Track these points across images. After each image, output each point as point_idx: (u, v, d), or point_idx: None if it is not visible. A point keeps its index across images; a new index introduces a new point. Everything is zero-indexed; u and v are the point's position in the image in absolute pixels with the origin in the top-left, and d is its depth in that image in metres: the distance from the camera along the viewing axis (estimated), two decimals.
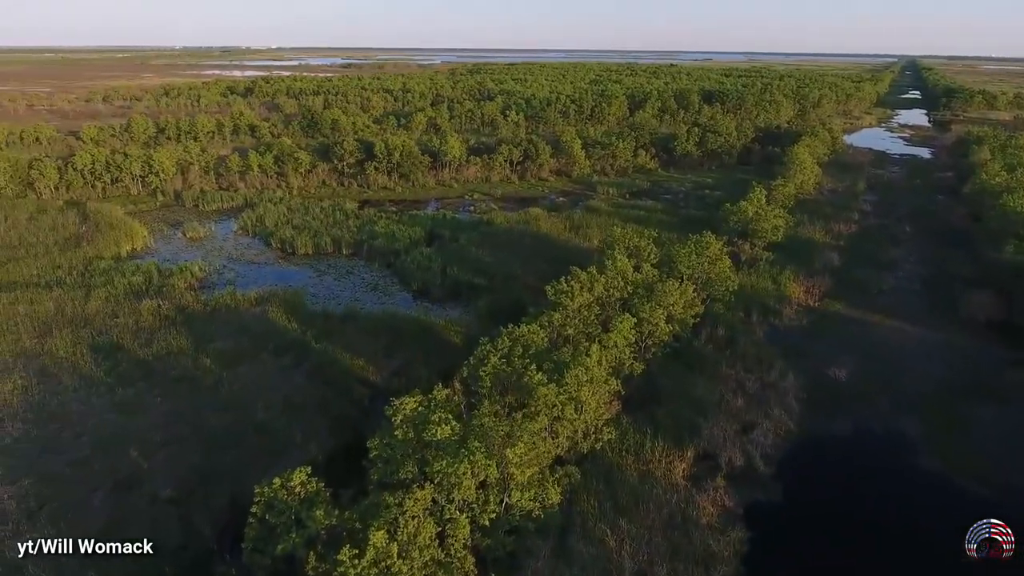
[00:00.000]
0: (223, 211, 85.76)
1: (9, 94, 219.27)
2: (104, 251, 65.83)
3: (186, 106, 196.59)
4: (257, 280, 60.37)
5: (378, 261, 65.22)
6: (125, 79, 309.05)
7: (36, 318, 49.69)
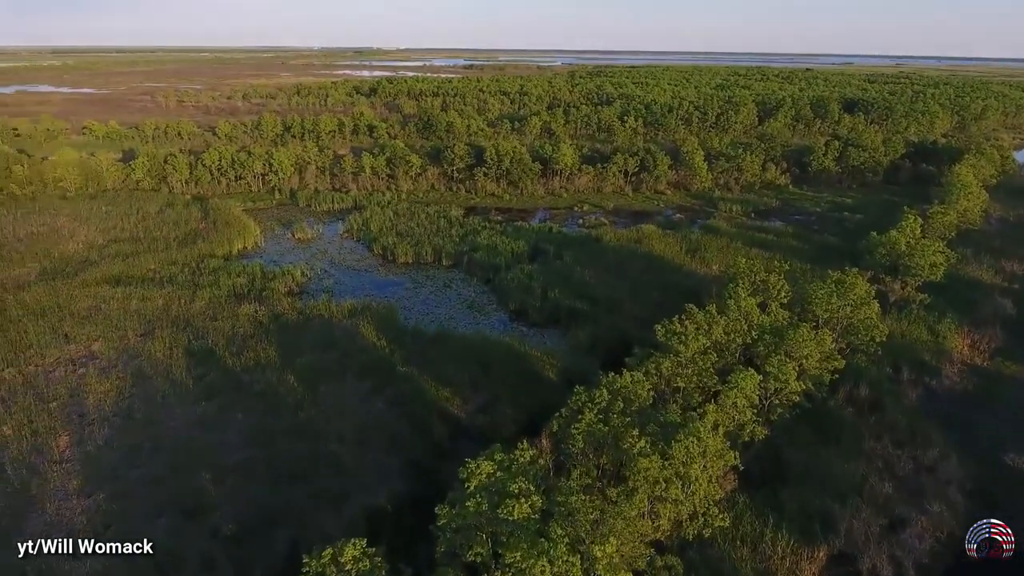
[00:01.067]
0: (333, 212, 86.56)
1: (164, 90, 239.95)
2: (217, 249, 67.43)
3: (314, 105, 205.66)
4: (354, 288, 59.17)
5: (477, 275, 62.18)
6: (265, 78, 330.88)
7: (144, 315, 50.75)
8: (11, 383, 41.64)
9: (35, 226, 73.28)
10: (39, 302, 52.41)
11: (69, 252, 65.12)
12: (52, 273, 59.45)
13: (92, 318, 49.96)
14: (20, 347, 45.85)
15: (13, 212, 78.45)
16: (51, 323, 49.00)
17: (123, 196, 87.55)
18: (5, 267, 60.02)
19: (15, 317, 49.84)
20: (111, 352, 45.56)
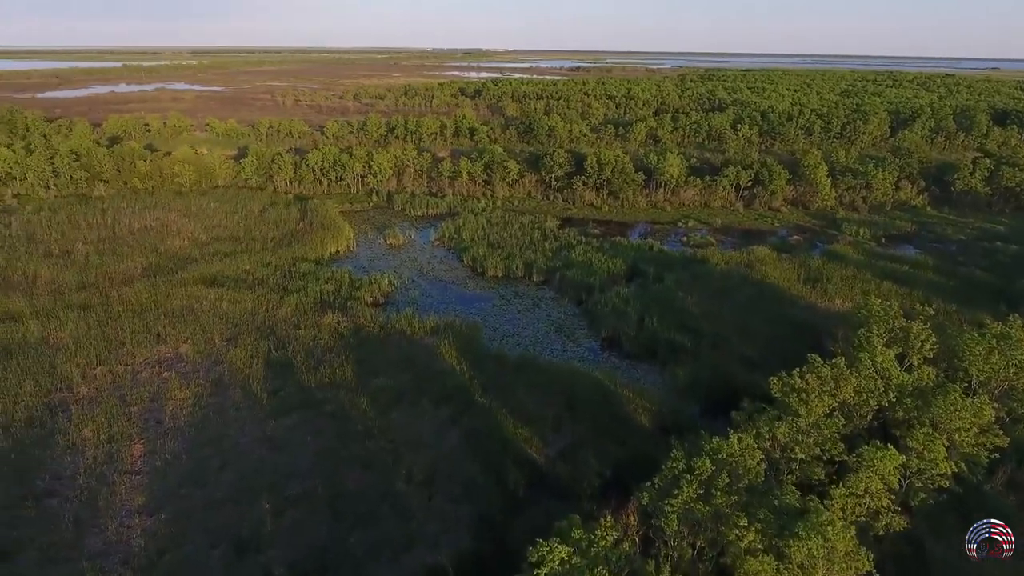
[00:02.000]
0: (427, 217, 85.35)
1: (282, 89, 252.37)
2: (311, 252, 67.42)
3: (419, 106, 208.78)
4: (439, 302, 56.91)
5: (569, 295, 58.24)
6: (376, 78, 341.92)
7: (232, 319, 50.67)
8: (100, 382, 42.19)
9: (149, 220, 76.63)
10: (139, 299, 53.70)
11: (174, 248, 67.19)
12: (155, 269, 61.27)
13: (183, 319, 50.42)
14: (115, 344, 46.72)
15: (132, 206, 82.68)
16: (146, 321, 49.83)
17: (231, 193, 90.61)
18: (116, 261, 62.44)
19: (115, 313, 51.14)
20: (196, 356, 45.48)
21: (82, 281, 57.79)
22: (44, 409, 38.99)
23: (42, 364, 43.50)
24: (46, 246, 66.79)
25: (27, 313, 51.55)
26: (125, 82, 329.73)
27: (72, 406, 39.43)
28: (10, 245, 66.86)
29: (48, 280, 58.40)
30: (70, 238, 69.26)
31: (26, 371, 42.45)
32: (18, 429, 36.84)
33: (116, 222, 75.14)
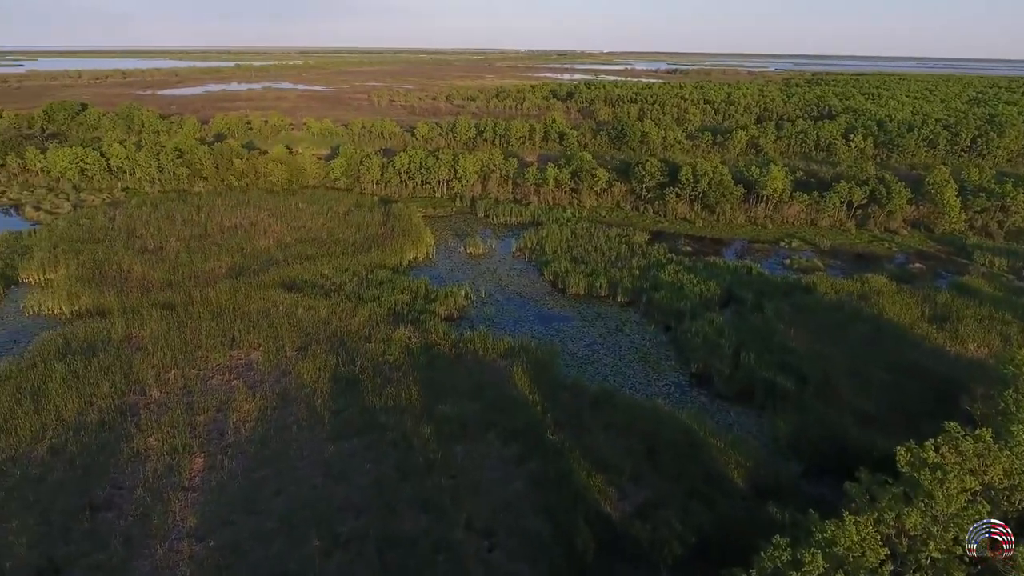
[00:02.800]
0: (510, 225, 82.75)
1: (378, 90, 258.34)
2: (390, 258, 66.23)
3: (510, 108, 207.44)
4: (516, 320, 53.93)
5: (656, 320, 53.79)
6: (470, 79, 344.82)
7: (305, 327, 49.74)
8: (172, 386, 41.99)
9: (239, 219, 78.20)
10: (219, 300, 53.94)
11: (259, 249, 67.83)
12: (239, 270, 61.78)
13: (258, 324, 49.95)
14: (191, 347, 46.70)
15: (226, 203, 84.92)
16: (223, 324, 49.71)
17: (319, 194, 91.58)
18: (203, 260, 63.51)
19: (195, 314, 51.43)
20: (266, 364, 44.64)
21: (169, 279, 58.95)
22: (116, 412, 38.96)
23: (121, 364, 43.87)
24: (143, 241, 69.15)
25: (115, 309, 52.82)
26: (237, 81, 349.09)
27: (142, 410, 39.23)
28: (111, 239, 69.69)
29: (139, 276, 60.02)
30: (165, 234, 71.46)
31: (105, 370, 42.86)
32: (89, 432, 36.83)
33: (209, 220, 77.13)
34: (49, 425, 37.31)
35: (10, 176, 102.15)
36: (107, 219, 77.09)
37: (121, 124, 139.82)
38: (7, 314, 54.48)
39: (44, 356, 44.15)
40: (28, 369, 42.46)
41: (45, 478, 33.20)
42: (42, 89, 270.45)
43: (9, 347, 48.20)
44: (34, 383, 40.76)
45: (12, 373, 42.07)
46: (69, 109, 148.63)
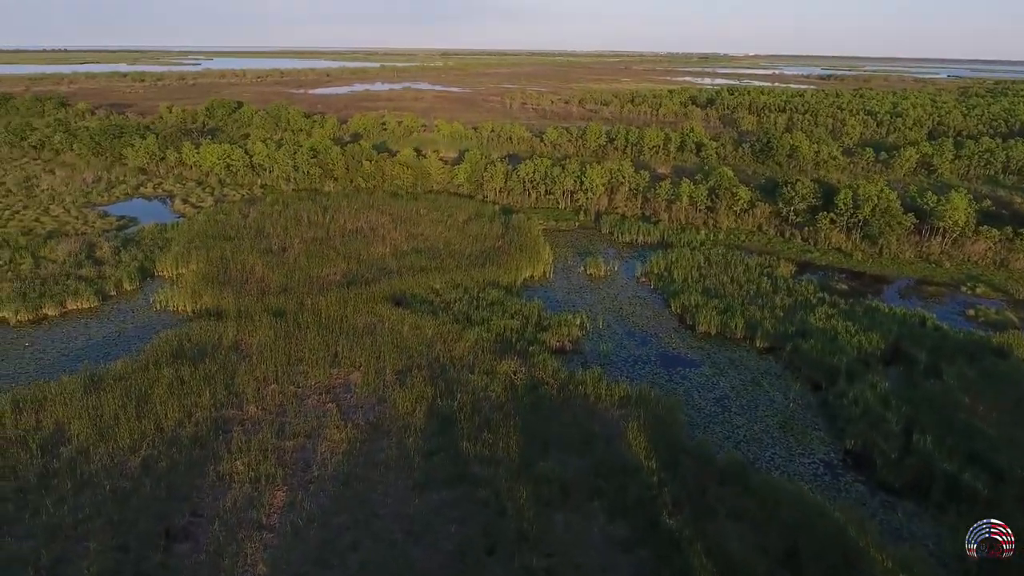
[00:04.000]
0: (636, 245, 76.48)
1: (511, 92, 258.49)
2: (504, 275, 62.51)
3: (645, 114, 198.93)
4: (635, 360, 48.06)
5: (802, 376, 45.82)
6: (605, 82, 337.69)
7: (408, 349, 47.00)
8: (268, 403, 40.50)
9: (361, 222, 78.08)
10: (328, 310, 52.68)
11: (375, 256, 66.72)
12: (352, 278, 60.69)
13: (362, 341, 47.86)
14: (294, 360, 45.38)
15: (351, 205, 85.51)
16: (328, 338, 48.12)
17: (441, 200, 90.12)
18: (320, 265, 63.16)
19: (303, 323, 50.39)
20: (364, 388, 42.18)
21: (286, 283, 58.85)
22: (211, 427, 37.89)
23: (225, 373, 43.21)
24: (268, 241, 70.42)
25: (231, 312, 53.11)
26: (381, 81, 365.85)
27: (235, 428, 37.90)
28: (240, 237, 71.66)
29: (259, 277, 60.55)
30: (290, 235, 72.47)
31: (209, 379, 42.28)
32: (181, 448, 35.83)
33: (333, 222, 77.63)
34: (148, 435, 36.77)
35: (168, 169, 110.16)
36: (241, 216, 79.81)
37: (270, 122, 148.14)
38: (138, 308, 56.60)
39: (156, 358, 44.46)
40: (140, 371, 42.78)
41: (131, 496, 32.23)
42: (211, 86, 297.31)
43: (132, 343, 49.48)
44: (142, 387, 40.78)
45: (125, 374, 42.52)
46: (227, 107, 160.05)
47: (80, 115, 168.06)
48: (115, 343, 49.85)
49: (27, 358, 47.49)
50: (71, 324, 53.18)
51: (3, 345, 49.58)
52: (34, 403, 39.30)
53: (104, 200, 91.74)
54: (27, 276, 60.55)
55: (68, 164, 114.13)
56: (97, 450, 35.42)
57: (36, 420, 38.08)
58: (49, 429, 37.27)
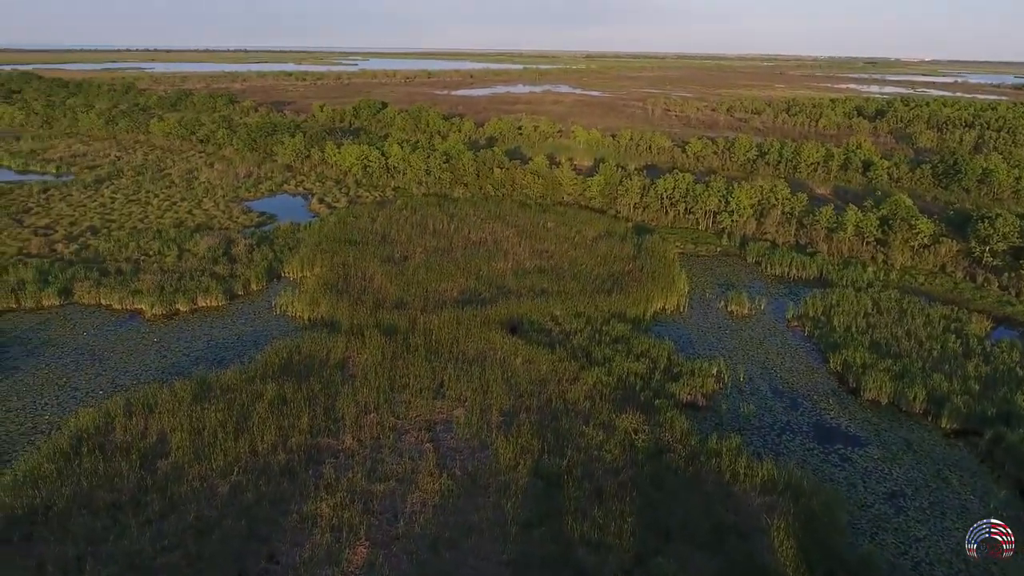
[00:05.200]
0: (787, 280, 67.12)
1: (654, 97, 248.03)
2: (632, 306, 56.46)
3: (802, 126, 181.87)
4: (783, 429, 40.33)
5: (1006, 474, 35.99)
6: (756, 89, 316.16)
7: (519, 386, 42.63)
8: (365, 434, 37.66)
9: (485, 234, 75.10)
10: (440, 332, 49.58)
11: (495, 272, 63.15)
12: (469, 296, 57.46)
13: (470, 371, 44.10)
14: (397, 387, 42.54)
15: (478, 214, 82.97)
16: (435, 364, 44.88)
17: (571, 214, 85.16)
18: (439, 279, 60.54)
19: (413, 345, 47.60)
20: (466, 429, 38.26)
21: (402, 296, 56.71)
22: (305, 456, 35.64)
23: (327, 394, 41.18)
24: (392, 248, 69.20)
25: (344, 324, 51.64)
26: (522, 83, 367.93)
27: (328, 461, 35.36)
28: (366, 242, 71.13)
29: (377, 288, 58.99)
30: (414, 243, 70.89)
31: (311, 399, 40.38)
32: (271, 478, 33.72)
33: (457, 231, 75.31)
34: (241, 458, 35.13)
35: (312, 166, 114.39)
36: (370, 219, 79.73)
37: (410, 123, 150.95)
38: (260, 310, 56.90)
39: (264, 371, 43.39)
40: (246, 383, 41.78)
41: (214, 528, 30.30)
42: (363, 86, 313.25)
43: (248, 348, 49.21)
44: (245, 402, 39.60)
45: (233, 385, 41.69)
46: (372, 107, 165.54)
47: (244, 112, 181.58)
48: (232, 347, 49.87)
49: (152, 355, 48.55)
50: (198, 323, 54.23)
51: (135, 338, 51.28)
52: (145, 408, 39.26)
53: (250, 195, 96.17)
54: (169, 269, 63.26)
55: (227, 158, 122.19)
56: (191, 469, 34.19)
57: (144, 426, 37.84)
58: (153, 439, 36.77)
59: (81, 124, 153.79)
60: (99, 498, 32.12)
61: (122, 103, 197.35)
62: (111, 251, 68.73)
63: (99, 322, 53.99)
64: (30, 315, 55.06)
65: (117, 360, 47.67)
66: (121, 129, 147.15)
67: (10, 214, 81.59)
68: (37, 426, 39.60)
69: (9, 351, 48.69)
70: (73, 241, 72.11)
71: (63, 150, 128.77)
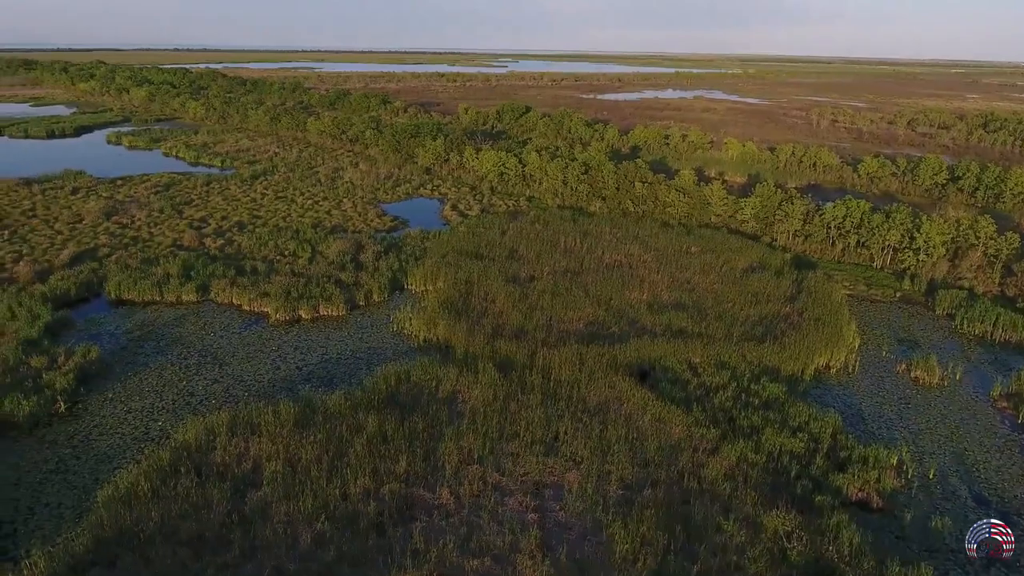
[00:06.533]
0: (992, 343, 54.50)
1: (819, 106, 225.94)
2: (787, 360, 47.79)
3: (1006, 146, 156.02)
4: (994, 567, 30.70)
5: None
6: (943, 99, 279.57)
7: (645, 454, 36.46)
8: (464, 491, 33.22)
9: (621, 255, 68.93)
10: (560, 371, 44.35)
11: (628, 303, 56.87)
12: (596, 329, 51.72)
13: (590, 425, 38.54)
14: (508, 435, 37.90)
15: (614, 234, 76.81)
16: (551, 413, 39.78)
17: (719, 238, 76.32)
18: (564, 307, 55.29)
19: (529, 385, 42.77)
20: (578, 501, 32.74)
21: (523, 324, 52.11)
22: (396, 509, 31.97)
23: (430, 435, 37.48)
24: (519, 267, 64.99)
25: (458, 351, 48.03)
26: (672, 88, 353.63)
27: (420, 518, 31.43)
28: (492, 257, 67.54)
29: (498, 311, 54.92)
30: (542, 262, 66.22)
31: (411, 438, 36.87)
32: (357, 533, 30.28)
33: (589, 252, 69.75)
34: (331, 502, 32.12)
35: (450, 171, 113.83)
36: (499, 232, 76.28)
37: (552, 128, 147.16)
38: (378, 324, 54.92)
39: (370, 399, 40.53)
40: (350, 412, 39.07)
41: None
42: (510, 88, 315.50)
43: (358, 369, 47.03)
44: (344, 435, 36.83)
45: (337, 412, 39.21)
46: (515, 111, 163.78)
47: (394, 112, 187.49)
48: (344, 363, 47.95)
49: (268, 364, 47.74)
50: (316, 333, 53.14)
51: (256, 344, 51.00)
52: (248, 428, 37.74)
53: (387, 198, 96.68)
54: (299, 271, 63.43)
55: (371, 158, 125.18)
56: (279, 508, 31.67)
57: (244, 448, 36.18)
58: (248, 466, 34.90)
59: (250, 120, 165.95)
60: (186, 528, 30.35)
61: (289, 101, 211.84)
62: (251, 248, 70.66)
63: (227, 323, 54.58)
64: (169, 309, 56.96)
65: (235, 366, 47.33)
66: (283, 126, 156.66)
67: (174, 205, 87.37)
68: (149, 432, 39.45)
69: (144, 346, 50.11)
70: (221, 236, 75.20)
71: (231, 144, 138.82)
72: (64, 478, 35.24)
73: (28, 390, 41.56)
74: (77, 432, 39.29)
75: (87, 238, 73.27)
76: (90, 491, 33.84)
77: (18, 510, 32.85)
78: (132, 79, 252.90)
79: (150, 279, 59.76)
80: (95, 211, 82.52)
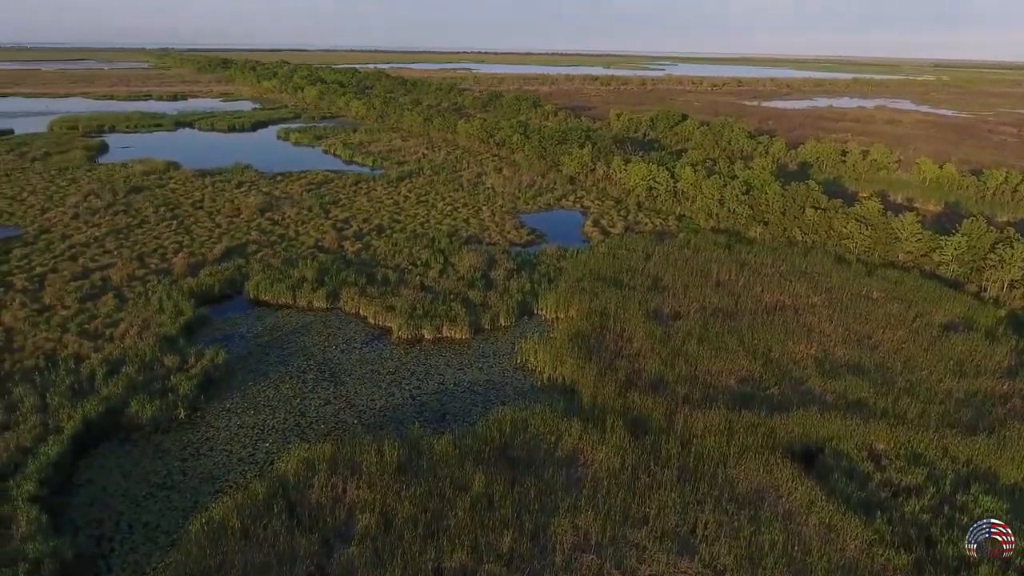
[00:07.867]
0: None
1: None
2: (1005, 463, 36.84)
3: None
4: None
5: None
6: None
7: (806, 566, 28.73)
8: None
9: (785, 295, 59.46)
10: (704, 442, 37.24)
11: (791, 357, 47.93)
12: (750, 388, 43.60)
13: (735, 520, 31.28)
14: (633, 518, 31.73)
15: (777, 266, 67.07)
16: (689, 495, 33.01)
17: (908, 282, 63.52)
18: (713, 356, 47.37)
19: (664, 457, 36.11)
20: None
21: (662, 374, 45.01)
22: None
23: (542, 504, 32.24)
24: (662, 299, 57.65)
25: (585, 399, 42.30)
26: (849, 95, 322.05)
27: None
28: (632, 285, 60.79)
29: (635, 353, 48.29)
30: (690, 296, 58.40)
31: (522, 508, 31.78)
32: None
33: (746, 288, 60.88)
34: None
35: (595, 182, 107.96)
36: (643, 256, 69.35)
37: (710, 139, 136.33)
38: (501, 354, 50.61)
39: (480, 448, 36.06)
40: (456, 464, 34.79)
41: None
42: (666, 93, 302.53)
43: (474, 406, 42.96)
44: (447, 493, 32.57)
45: (446, 460, 35.08)
46: (670, 118, 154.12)
47: (544, 115, 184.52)
48: (460, 398, 44.07)
49: (383, 388, 45.05)
50: (436, 357, 49.87)
51: (375, 362, 48.67)
52: (349, 466, 34.74)
53: (527, 208, 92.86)
54: (429, 285, 60.96)
55: (516, 164, 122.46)
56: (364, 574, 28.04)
57: (341, 490, 33.14)
58: (343, 514, 31.70)
59: (404, 120, 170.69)
60: None
61: (444, 102, 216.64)
62: (386, 255, 69.68)
63: (350, 335, 52.98)
64: (299, 315, 56.60)
65: (351, 386, 45.12)
66: (434, 127, 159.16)
67: (322, 204, 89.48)
68: (255, 454, 37.82)
69: (269, 354, 49.59)
70: (359, 239, 75.17)
71: (384, 144, 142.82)
72: (168, 496, 34.21)
73: (155, 392, 41.72)
74: (190, 443, 38.57)
75: (240, 233, 76.24)
76: (188, 515, 32.39)
77: (119, 527, 32.03)
78: (307, 78, 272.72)
79: (286, 281, 59.98)
80: (252, 206, 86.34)
